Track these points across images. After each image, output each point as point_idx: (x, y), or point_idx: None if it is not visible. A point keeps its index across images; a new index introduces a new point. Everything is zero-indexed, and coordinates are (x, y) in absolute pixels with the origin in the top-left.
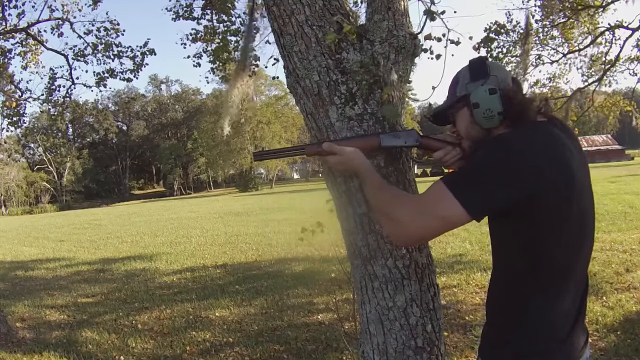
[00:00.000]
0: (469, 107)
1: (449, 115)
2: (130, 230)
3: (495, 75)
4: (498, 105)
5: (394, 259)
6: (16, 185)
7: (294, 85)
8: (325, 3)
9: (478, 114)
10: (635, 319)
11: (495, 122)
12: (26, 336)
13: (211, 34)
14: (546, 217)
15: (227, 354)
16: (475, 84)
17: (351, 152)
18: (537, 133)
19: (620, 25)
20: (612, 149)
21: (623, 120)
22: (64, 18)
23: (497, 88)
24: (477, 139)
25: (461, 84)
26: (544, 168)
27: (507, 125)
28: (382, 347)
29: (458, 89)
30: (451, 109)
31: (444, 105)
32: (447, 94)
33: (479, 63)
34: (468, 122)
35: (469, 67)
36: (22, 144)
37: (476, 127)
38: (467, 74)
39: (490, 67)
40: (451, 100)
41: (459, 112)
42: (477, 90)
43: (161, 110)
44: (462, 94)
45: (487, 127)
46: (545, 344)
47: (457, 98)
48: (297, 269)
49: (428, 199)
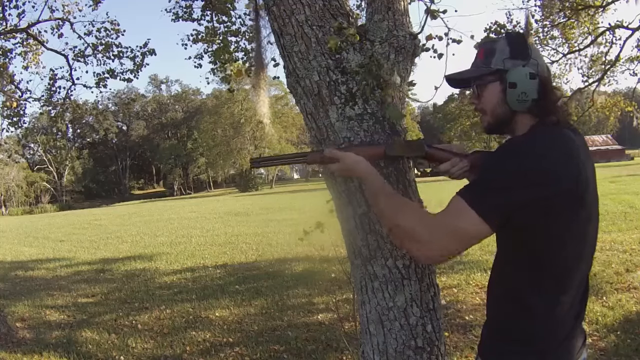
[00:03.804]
0: (502, 84)
1: (474, 85)
2: (130, 230)
3: (535, 60)
4: (534, 92)
5: (394, 259)
6: (16, 186)
7: (294, 85)
8: (325, 3)
9: (512, 95)
10: (635, 319)
11: (525, 106)
12: (26, 336)
13: (212, 35)
14: (556, 222)
15: (227, 354)
16: (515, 62)
17: (354, 158)
18: (555, 139)
19: (621, 25)
20: (612, 149)
21: (623, 120)
22: (64, 18)
23: (536, 74)
24: (501, 118)
25: (498, 57)
26: (562, 175)
27: (533, 115)
28: (382, 347)
29: (493, 61)
30: (479, 79)
31: (472, 72)
32: (475, 61)
33: (520, 40)
34: (498, 99)
35: (509, 41)
36: (22, 144)
37: (505, 107)
38: (506, 49)
39: (531, 49)
40: (481, 70)
41: (487, 85)
42: (517, 71)
43: (161, 110)
44: (498, 67)
45: (515, 110)
46: (545, 344)
47: (491, 70)
48: (297, 269)
49: (447, 214)
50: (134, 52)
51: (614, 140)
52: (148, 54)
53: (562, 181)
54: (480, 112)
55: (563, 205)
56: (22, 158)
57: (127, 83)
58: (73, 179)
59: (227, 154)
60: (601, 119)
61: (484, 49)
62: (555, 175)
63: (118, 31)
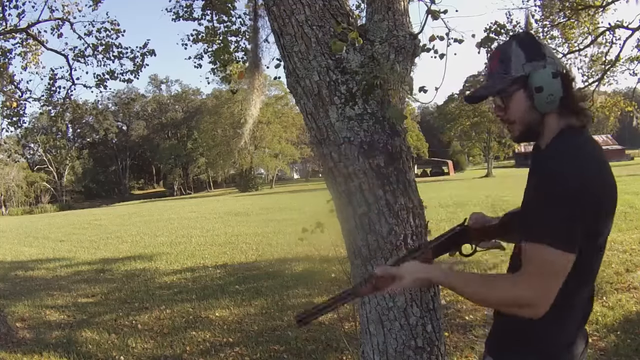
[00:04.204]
0: (527, 90)
1: (499, 98)
2: (130, 230)
3: (551, 57)
4: (560, 91)
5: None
6: (16, 185)
7: (294, 85)
8: (325, 3)
9: (540, 99)
10: (635, 319)
11: (555, 106)
12: (26, 336)
13: (212, 35)
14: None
15: (227, 354)
16: (533, 64)
17: (411, 268)
18: (588, 147)
19: (620, 25)
20: (612, 149)
21: (623, 120)
22: (64, 18)
23: (557, 71)
24: (532, 124)
25: (516, 63)
26: (604, 182)
27: (559, 113)
28: (382, 347)
29: (512, 69)
30: (504, 91)
31: (495, 87)
32: (491, 73)
33: (532, 41)
34: (526, 106)
35: (520, 44)
36: (22, 144)
37: (534, 112)
38: (521, 53)
39: (544, 47)
40: (504, 81)
41: (512, 95)
42: (540, 73)
43: (161, 110)
44: (519, 74)
45: (545, 112)
46: (555, 347)
47: (515, 78)
48: (297, 269)
49: (536, 265)
50: (134, 52)
51: (614, 140)
52: (148, 54)
53: (605, 187)
54: (508, 122)
55: (608, 211)
56: (22, 158)
57: (127, 83)
58: (73, 179)
59: (227, 154)
60: (601, 119)
61: (498, 58)
62: (602, 182)
63: (118, 31)
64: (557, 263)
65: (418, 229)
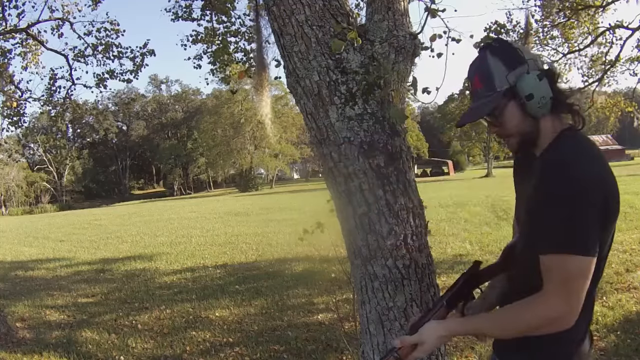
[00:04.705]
0: (518, 100)
1: (493, 116)
2: (130, 230)
3: (531, 58)
4: (549, 91)
5: (393, 259)
6: (16, 185)
7: (294, 85)
8: (325, 3)
9: (533, 105)
10: (635, 319)
11: (547, 109)
12: (26, 336)
13: (211, 35)
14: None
15: (227, 354)
16: (517, 72)
17: (430, 331)
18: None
19: (620, 25)
20: (612, 149)
21: (623, 120)
22: (64, 18)
23: (542, 72)
24: (528, 132)
25: (499, 77)
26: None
27: (553, 115)
28: (382, 347)
29: (497, 83)
30: (495, 109)
31: (486, 107)
32: (477, 93)
33: (506, 46)
34: (520, 116)
35: (495, 53)
36: (22, 144)
37: (529, 120)
38: (500, 64)
39: (521, 50)
40: (493, 99)
41: (505, 109)
42: (526, 80)
43: (161, 110)
44: (505, 87)
45: (539, 117)
46: (566, 346)
47: (502, 93)
48: (297, 269)
49: (561, 275)
50: (134, 52)
51: (614, 141)
52: (148, 54)
53: (610, 185)
54: (505, 136)
55: (615, 209)
56: (22, 158)
57: (127, 83)
58: (73, 179)
59: (227, 154)
60: (601, 119)
61: (479, 76)
62: (607, 181)
63: (118, 31)
64: (582, 269)
65: (418, 229)
